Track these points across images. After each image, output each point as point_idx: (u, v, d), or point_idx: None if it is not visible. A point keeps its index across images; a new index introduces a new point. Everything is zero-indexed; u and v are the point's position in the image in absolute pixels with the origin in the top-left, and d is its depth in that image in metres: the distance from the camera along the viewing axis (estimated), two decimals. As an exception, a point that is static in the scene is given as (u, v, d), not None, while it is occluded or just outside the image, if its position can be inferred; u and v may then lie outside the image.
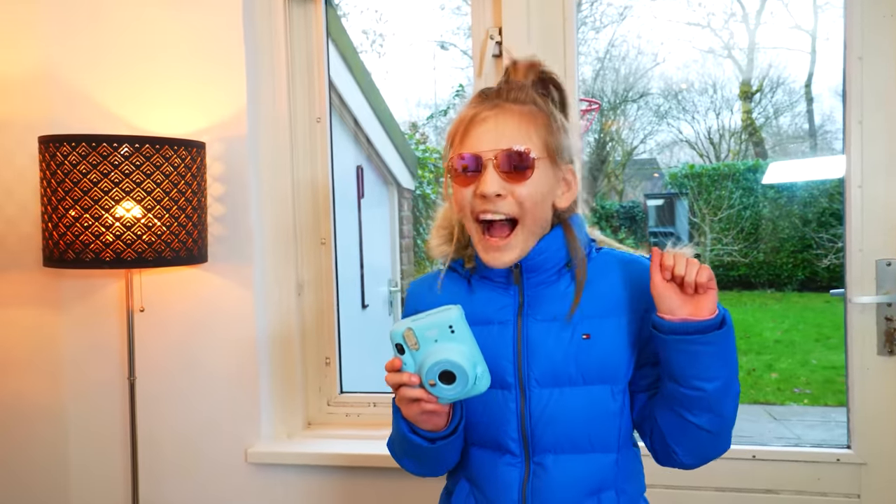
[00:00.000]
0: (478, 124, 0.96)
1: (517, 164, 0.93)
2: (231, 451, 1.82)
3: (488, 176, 0.93)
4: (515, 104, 0.97)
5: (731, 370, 0.92)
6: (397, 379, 0.91)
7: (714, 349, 0.89)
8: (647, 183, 11.11)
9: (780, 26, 10.88)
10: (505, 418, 0.98)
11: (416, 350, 0.90)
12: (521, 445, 0.97)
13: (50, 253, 1.58)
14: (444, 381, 0.88)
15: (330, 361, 1.94)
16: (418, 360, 0.90)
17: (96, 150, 1.51)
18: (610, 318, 0.97)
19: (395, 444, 1.06)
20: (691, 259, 0.90)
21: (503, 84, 1.00)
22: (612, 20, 10.45)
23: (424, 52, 11.71)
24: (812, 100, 9.78)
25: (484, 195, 0.93)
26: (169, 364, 1.84)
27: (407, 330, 0.90)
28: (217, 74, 1.78)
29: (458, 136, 0.97)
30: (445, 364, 0.88)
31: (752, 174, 8.40)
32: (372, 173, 4.05)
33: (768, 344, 6.65)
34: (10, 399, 1.90)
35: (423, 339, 0.90)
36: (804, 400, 5.32)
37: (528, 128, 0.95)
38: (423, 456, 1.01)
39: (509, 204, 0.94)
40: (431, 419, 0.94)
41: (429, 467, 1.05)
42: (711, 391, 0.91)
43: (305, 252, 1.93)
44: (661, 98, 10.74)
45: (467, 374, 0.88)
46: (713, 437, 0.95)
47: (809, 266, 8.14)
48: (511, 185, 0.94)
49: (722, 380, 0.91)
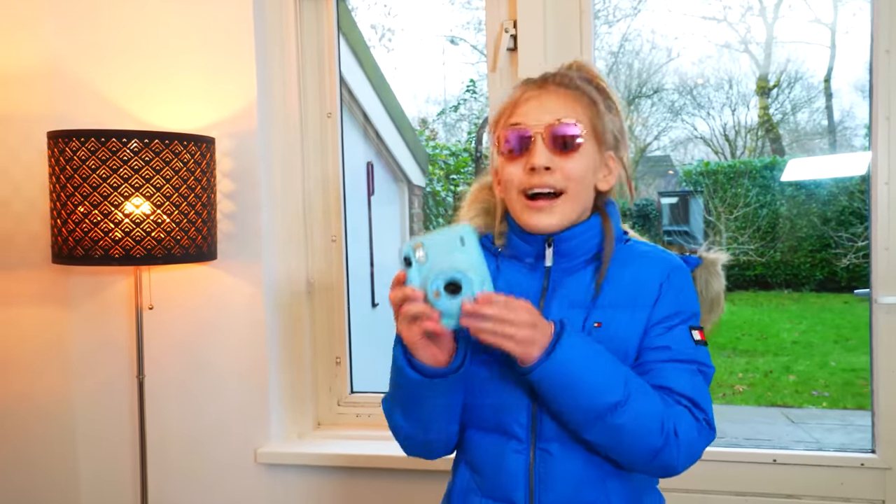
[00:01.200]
0: (524, 103, 1.00)
1: (565, 138, 0.97)
2: (240, 452, 1.82)
3: (537, 149, 0.97)
4: (561, 87, 1.01)
5: (572, 395, 0.90)
6: (400, 293, 0.88)
7: (538, 386, 0.91)
8: (661, 180, 11.05)
9: (799, 20, 10.77)
10: (515, 402, 0.98)
11: (423, 263, 0.88)
12: (529, 431, 0.97)
13: (59, 250, 1.58)
14: (449, 292, 0.85)
15: (340, 361, 1.94)
16: (424, 275, 0.87)
17: (105, 146, 1.52)
18: (622, 310, 0.98)
19: (390, 389, 1.01)
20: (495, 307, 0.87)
21: (549, 73, 1.04)
22: (626, 14, 10.40)
23: (434, 47, 11.71)
24: (831, 95, 9.69)
25: (533, 167, 0.97)
26: (178, 362, 1.85)
27: (417, 243, 0.88)
28: (227, 68, 1.78)
29: (505, 116, 1.01)
30: (451, 273, 0.85)
31: (769, 171, 8.33)
32: (382, 170, 4.05)
33: (785, 345, 6.60)
34: (18, 397, 1.91)
35: (432, 251, 0.88)
36: (822, 403, 5.27)
37: (574, 106, 1.00)
38: (414, 400, 0.96)
39: (557, 178, 0.98)
40: (431, 349, 0.91)
41: (418, 420, 0.98)
42: (562, 414, 0.93)
43: (316, 249, 1.92)
44: (676, 94, 10.68)
45: (473, 284, 0.85)
46: (612, 447, 0.94)
47: (828, 266, 8.06)
48: (559, 159, 0.98)
49: (563, 405, 0.91)
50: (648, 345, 0.98)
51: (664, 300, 0.98)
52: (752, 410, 5.20)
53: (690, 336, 0.98)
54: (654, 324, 0.98)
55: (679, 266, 1.02)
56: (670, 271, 1.00)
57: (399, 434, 1.03)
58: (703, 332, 1.01)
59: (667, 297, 0.98)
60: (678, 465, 0.94)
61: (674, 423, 0.92)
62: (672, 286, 0.99)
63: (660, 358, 0.97)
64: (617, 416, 0.90)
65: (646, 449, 0.92)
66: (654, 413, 0.92)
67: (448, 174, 5.43)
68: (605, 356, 0.92)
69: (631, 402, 0.90)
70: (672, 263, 1.01)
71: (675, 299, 0.99)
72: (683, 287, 1.01)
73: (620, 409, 0.90)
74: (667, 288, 0.99)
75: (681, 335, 0.98)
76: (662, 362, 0.96)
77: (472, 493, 1.02)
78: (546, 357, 0.88)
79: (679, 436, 0.92)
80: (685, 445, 0.93)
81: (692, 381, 0.96)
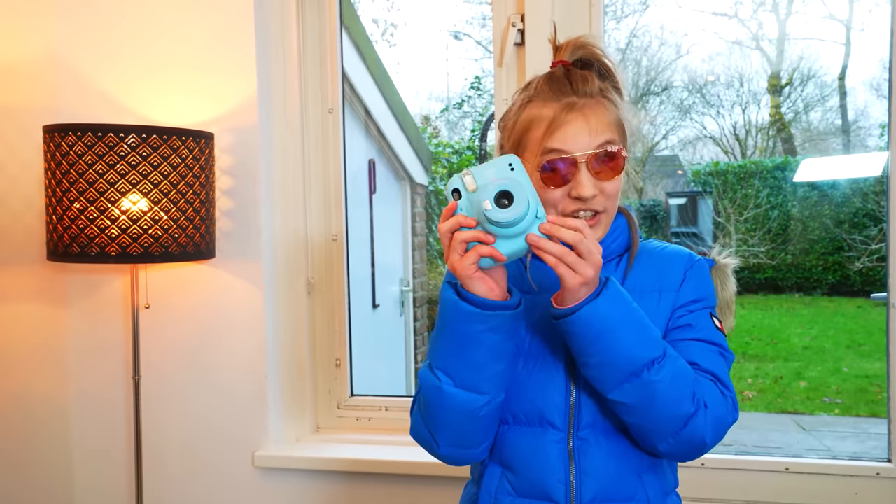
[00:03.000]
0: (564, 125, 0.98)
1: (610, 162, 0.98)
2: (237, 455, 1.82)
3: (583, 178, 0.97)
4: (591, 98, 1.00)
5: (612, 344, 0.90)
6: (453, 221, 0.87)
7: (574, 331, 0.91)
8: (669, 181, 11.03)
9: (813, 16, 10.75)
10: (552, 385, 0.99)
11: (473, 192, 0.87)
12: (566, 417, 0.98)
13: (54, 247, 1.58)
14: (500, 204, 0.84)
15: (340, 363, 1.93)
16: (475, 202, 0.86)
17: (102, 140, 1.52)
18: (648, 294, 1.02)
19: (431, 349, 0.97)
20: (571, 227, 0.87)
21: (567, 74, 1.01)
22: (635, 10, 10.39)
23: (437, 42, 11.70)
24: (845, 94, 9.66)
25: (581, 197, 0.97)
26: (174, 363, 1.85)
27: (466, 172, 0.88)
28: (226, 62, 1.78)
29: (538, 135, 0.99)
30: (505, 185, 0.84)
31: (780, 172, 8.32)
32: (384, 167, 4.04)
33: (796, 350, 6.59)
34: (10, 397, 1.91)
35: (481, 178, 0.87)
36: (835, 410, 5.26)
37: (608, 122, 0.99)
38: (466, 342, 0.91)
39: (599, 201, 0.99)
40: (487, 282, 0.89)
41: (469, 369, 0.93)
42: (595, 367, 0.93)
43: (316, 248, 1.92)
44: (685, 92, 10.66)
45: (527, 197, 0.84)
46: (642, 410, 0.93)
47: (840, 269, 8.04)
48: (602, 182, 0.98)
49: (600, 356, 0.91)
50: (672, 325, 1.01)
51: (688, 285, 1.03)
52: (761, 417, 5.19)
53: (711, 321, 1.02)
54: (678, 306, 1.02)
55: (700, 259, 1.07)
56: (695, 262, 1.05)
57: (443, 407, 0.95)
58: (723, 326, 1.05)
59: (691, 282, 1.03)
60: (706, 436, 0.94)
61: (703, 394, 0.94)
62: (696, 274, 1.04)
63: (685, 336, 1.00)
64: (653, 373, 0.90)
65: (677, 414, 0.92)
66: (687, 378, 0.94)
67: (451, 173, 5.43)
68: (643, 314, 0.94)
69: (667, 360, 0.92)
70: (693, 256, 1.07)
71: (699, 286, 1.04)
72: (705, 277, 1.06)
73: (657, 366, 0.91)
74: (691, 275, 1.04)
75: (703, 318, 1.02)
76: (687, 340, 1.00)
77: (503, 494, 1.01)
78: (593, 298, 0.89)
79: (709, 407, 0.94)
80: (714, 418, 0.94)
81: (716, 361, 0.99)
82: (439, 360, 0.95)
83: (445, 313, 0.93)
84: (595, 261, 0.87)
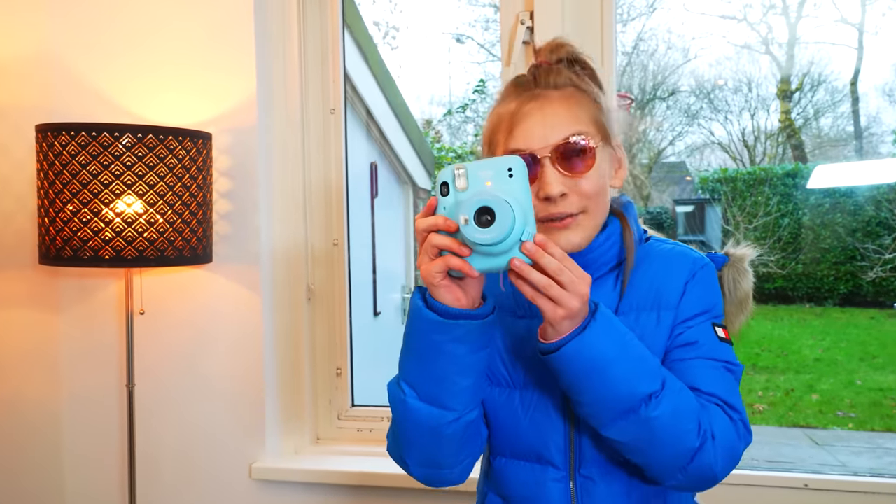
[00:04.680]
0: (522, 119, 0.92)
1: (577, 156, 0.91)
2: (234, 467, 1.81)
3: (548, 175, 0.90)
4: (556, 90, 0.94)
5: (603, 381, 0.84)
6: (430, 222, 0.80)
7: (561, 367, 0.85)
8: (676, 188, 11.03)
9: (824, 19, 10.77)
10: (549, 424, 0.95)
11: (462, 191, 0.79)
12: (566, 456, 0.94)
13: (46, 250, 1.57)
14: (480, 222, 0.76)
15: (341, 372, 1.92)
16: (461, 203, 0.78)
17: (96, 140, 1.51)
18: (647, 313, 0.96)
19: (401, 359, 0.91)
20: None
21: (534, 70, 0.97)
22: (641, 13, 10.42)
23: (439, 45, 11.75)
24: (857, 99, 9.66)
25: (548, 197, 0.90)
26: (169, 371, 1.83)
27: (458, 166, 0.80)
28: (225, 60, 1.77)
29: (502, 136, 0.94)
30: (487, 198, 0.76)
31: (790, 179, 8.31)
32: (386, 171, 4.03)
33: (808, 362, 6.56)
34: (2, 403, 1.89)
35: (473, 178, 0.79)
36: (849, 424, 5.23)
37: (577, 112, 0.93)
38: (429, 353, 0.85)
39: (574, 202, 0.92)
40: (454, 291, 0.83)
41: (432, 382, 0.87)
42: (586, 405, 0.88)
43: (316, 253, 1.91)
44: (692, 97, 10.67)
45: (512, 217, 0.75)
46: (642, 448, 0.89)
47: (853, 279, 8.02)
48: (573, 179, 0.91)
49: (591, 393, 0.85)
50: (672, 343, 0.96)
51: (689, 299, 0.97)
52: (773, 431, 5.16)
53: (714, 333, 0.96)
54: (679, 322, 0.96)
55: (705, 263, 1.00)
56: (696, 270, 0.98)
57: (408, 422, 0.90)
58: (728, 332, 0.99)
59: (692, 295, 0.97)
60: (717, 469, 0.89)
61: (710, 424, 0.89)
62: (697, 284, 0.97)
63: (685, 356, 0.95)
64: (651, 408, 0.85)
65: (682, 450, 0.87)
66: (691, 410, 0.88)
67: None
68: (638, 342, 0.88)
69: (667, 393, 0.86)
70: (697, 261, 1.00)
71: (701, 298, 0.97)
72: (709, 285, 0.99)
73: (655, 400, 0.85)
74: (692, 286, 0.97)
75: (705, 332, 0.96)
76: (688, 360, 0.94)
77: None
78: (580, 332, 0.83)
79: (716, 438, 0.89)
80: (723, 448, 0.89)
81: (722, 380, 0.94)
82: (404, 372, 0.91)
83: (411, 320, 0.87)
84: (580, 291, 0.80)
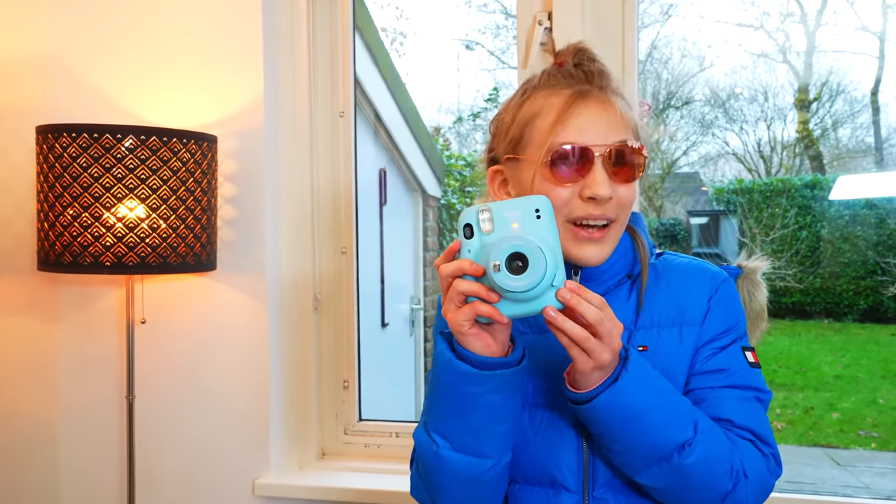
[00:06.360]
0: (579, 112, 0.90)
1: (629, 162, 0.90)
2: (237, 483, 1.78)
3: (598, 174, 0.89)
4: (606, 92, 0.93)
5: (636, 431, 0.84)
6: (455, 266, 0.78)
7: (592, 417, 0.85)
8: (690, 199, 11.00)
9: (844, 27, 10.75)
10: (562, 443, 0.93)
11: (488, 234, 0.78)
12: (579, 478, 0.92)
13: (45, 256, 1.55)
14: (511, 269, 0.75)
15: (348, 385, 1.89)
16: (486, 247, 0.77)
17: (98, 142, 1.49)
18: (668, 329, 0.94)
19: (426, 406, 0.90)
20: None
21: (585, 66, 0.94)
22: (655, 20, 10.43)
23: (448, 52, 11.79)
24: (878, 109, 9.61)
25: (595, 197, 0.88)
26: (171, 382, 1.82)
27: (483, 207, 0.78)
28: (231, 61, 1.76)
29: (547, 124, 0.90)
30: (520, 247, 0.75)
31: (808, 191, 8.27)
32: (395, 178, 4.01)
33: (827, 380, 6.50)
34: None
35: (499, 220, 0.78)
36: (871, 444, 5.16)
37: (627, 118, 0.93)
38: (464, 405, 0.84)
39: (612, 207, 0.91)
40: (483, 338, 0.81)
41: (468, 434, 0.86)
42: (618, 453, 0.88)
43: (324, 262, 1.89)
44: (707, 106, 10.65)
45: (544, 263, 0.74)
46: (675, 493, 0.89)
47: (874, 294, 7.96)
48: (616, 185, 0.90)
49: (623, 442, 0.86)
50: (700, 368, 0.94)
51: (714, 316, 0.95)
52: (792, 450, 5.10)
53: (745, 358, 0.95)
54: (704, 343, 0.94)
55: (725, 277, 0.98)
56: (719, 284, 0.97)
57: (442, 473, 0.89)
58: (755, 354, 0.98)
59: (717, 312, 0.95)
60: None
61: (742, 463, 0.89)
62: (721, 301, 0.96)
63: (715, 384, 0.93)
64: (685, 457, 0.84)
65: (714, 493, 0.87)
66: (724, 454, 0.88)
67: (463, 186, 5.41)
68: (671, 387, 0.87)
69: (699, 440, 0.85)
70: (717, 275, 0.98)
71: (726, 315, 0.96)
72: (732, 301, 0.98)
73: (688, 449, 0.85)
74: (716, 302, 0.95)
75: (735, 357, 0.94)
76: (718, 388, 0.93)
77: None
78: (611, 382, 0.82)
79: (749, 476, 0.89)
80: (755, 485, 0.89)
81: (753, 412, 0.93)
82: (435, 422, 0.89)
83: (439, 371, 0.85)
84: (614, 345, 0.80)
